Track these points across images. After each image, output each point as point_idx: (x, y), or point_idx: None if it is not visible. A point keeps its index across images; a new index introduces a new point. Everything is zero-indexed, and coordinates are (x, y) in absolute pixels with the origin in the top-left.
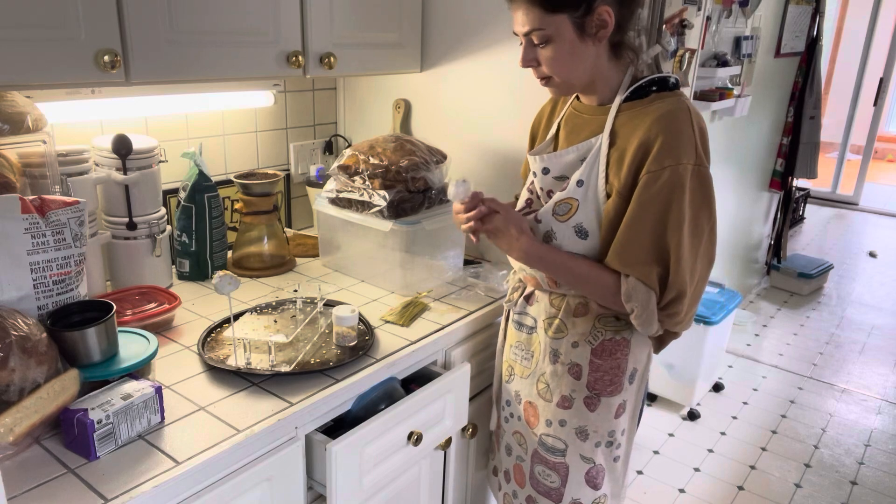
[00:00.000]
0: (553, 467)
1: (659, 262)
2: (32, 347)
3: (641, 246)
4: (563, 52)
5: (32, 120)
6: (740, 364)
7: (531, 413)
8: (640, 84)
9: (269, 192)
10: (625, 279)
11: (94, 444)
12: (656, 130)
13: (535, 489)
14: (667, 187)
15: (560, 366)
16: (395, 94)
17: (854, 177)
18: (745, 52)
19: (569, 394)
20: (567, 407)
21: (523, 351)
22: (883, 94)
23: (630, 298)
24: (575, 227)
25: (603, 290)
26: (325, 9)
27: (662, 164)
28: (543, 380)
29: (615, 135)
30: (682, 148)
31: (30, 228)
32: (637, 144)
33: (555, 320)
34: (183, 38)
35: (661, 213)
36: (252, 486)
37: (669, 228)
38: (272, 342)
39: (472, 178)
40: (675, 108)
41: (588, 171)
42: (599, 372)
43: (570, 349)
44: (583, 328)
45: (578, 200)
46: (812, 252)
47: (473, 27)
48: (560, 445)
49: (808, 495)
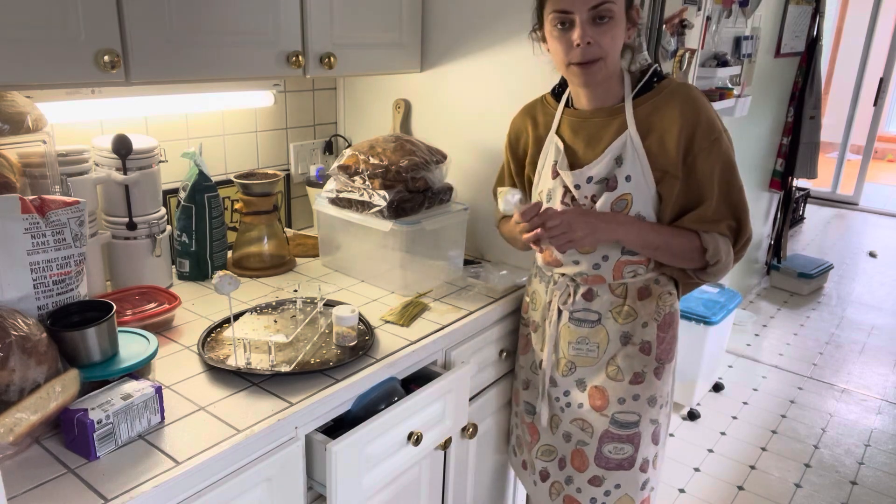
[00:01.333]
0: (627, 440)
1: (731, 216)
2: (32, 347)
3: (713, 206)
4: (620, 33)
5: (32, 120)
6: (740, 364)
7: (598, 397)
8: (647, 79)
9: (269, 192)
10: (705, 235)
11: (94, 444)
12: (692, 113)
13: (604, 467)
14: (720, 155)
15: (631, 346)
16: (395, 94)
17: (854, 177)
18: (745, 52)
19: (641, 370)
20: (640, 382)
21: (586, 345)
22: (883, 94)
23: (716, 252)
24: (635, 217)
25: (688, 247)
26: (325, 9)
27: (710, 138)
28: (614, 363)
29: (644, 126)
30: (715, 121)
31: (30, 228)
32: (678, 129)
33: (623, 307)
34: (183, 38)
35: (724, 175)
36: (252, 486)
37: (734, 186)
38: (272, 342)
39: (473, 178)
40: (691, 93)
41: (631, 165)
42: (664, 344)
43: (641, 329)
44: (650, 308)
45: (632, 193)
46: (812, 252)
47: (473, 27)
48: (634, 419)
49: (808, 495)
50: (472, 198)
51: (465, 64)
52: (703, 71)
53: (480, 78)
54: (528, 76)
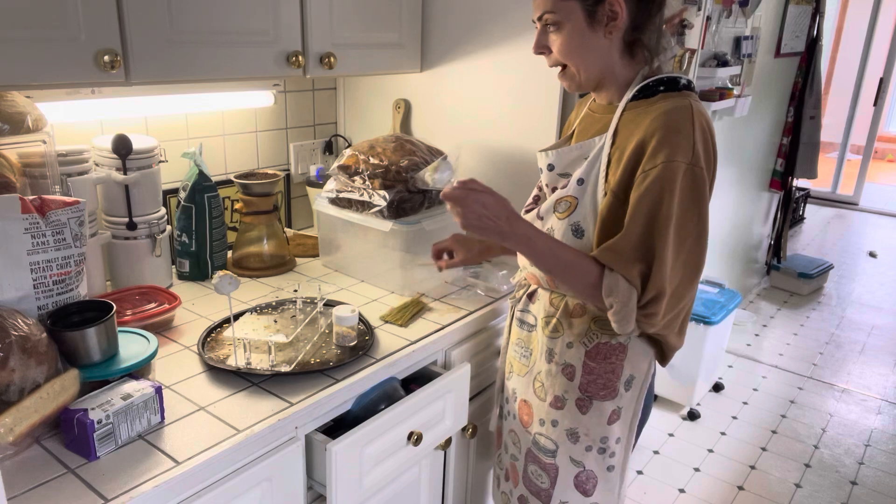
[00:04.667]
0: (544, 468)
1: (643, 260)
2: (32, 347)
3: (629, 242)
4: (573, 39)
5: (32, 120)
6: (740, 364)
7: (525, 411)
8: (646, 83)
9: (269, 192)
10: (608, 273)
11: (94, 444)
12: (653, 128)
13: (528, 488)
14: (658, 183)
15: (554, 365)
16: (395, 94)
17: (854, 177)
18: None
19: (561, 394)
20: (559, 407)
21: (523, 349)
22: (883, 94)
23: (611, 293)
24: (572, 225)
25: (584, 281)
26: (325, 9)
27: (656, 161)
28: (539, 378)
29: (617, 134)
30: (678, 145)
31: (30, 228)
32: (635, 143)
33: (552, 319)
34: (183, 38)
35: (651, 210)
36: (252, 486)
37: (656, 226)
38: (272, 342)
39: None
40: (677, 106)
41: (589, 169)
42: (593, 375)
43: (565, 349)
44: (578, 329)
45: (577, 198)
46: (812, 252)
47: (473, 27)
48: (551, 446)
49: (808, 495)
50: None
51: (465, 64)
52: (703, 71)
53: (480, 78)
54: (527, 76)
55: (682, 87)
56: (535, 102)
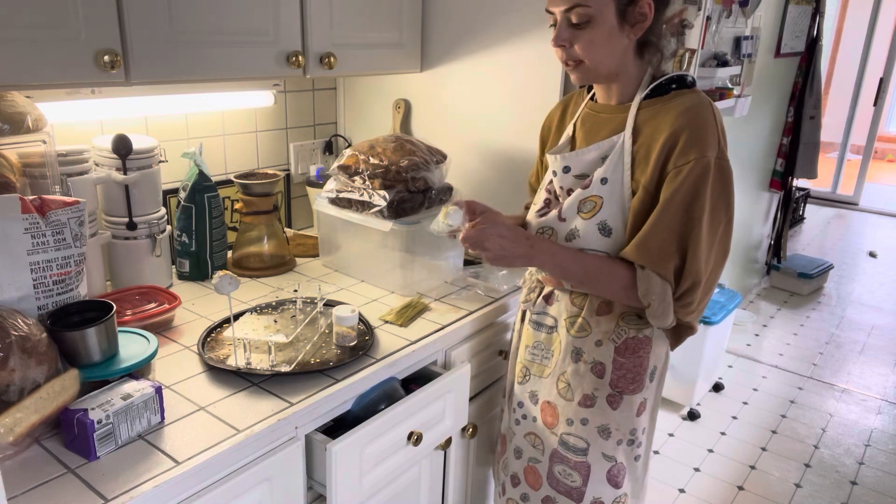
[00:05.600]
0: (574, 467)
1: (677, 254)
2: (32, 347)
3: (664, 238)
4: (602, 36)
5: (32, 120)
6: (740, 364)
7: (549, 413)
8: (660, 82)
9: (269, 192)
10: (640, 271)
11: (94, 444)
12: (681, 124)
13: (555, 489)
14: (691, 180)
15: (583, 364)
16: (395, 94)
17: (854, 177)
18: (745, 52)
19: (591, 392)
20: (589, 406)
21: (542, 351)
22: (883, 94)
23: (647, 292)
24: (599, 224)
25: (616, 285)
26: (325, 9)
27: (688, 158)
28: (564, 379)
29: (638, 132)
30: (707, 141)
31: (30, 228)
32: (663, 140)
33: (577, 319)
34: (183, 38)
35: (686, 206)
36: (252, 486)
37: (691, 220)
38: (272, 342)
39: (473, 178)
40: (697, 103)
41: (612, 168)
42: (622, 370)
43: (594, 348)
44: (606, 326)
45: (603, 198)
46: (812, 252)
47: (473, 27)
48: (582, 444)
49: (808, 495)
50: (473, 198)
51: (465, 64)
52: (703, 71)
53: (480, 78)
54: (527, 76)
55: (689, 84)
56: (535, 102)
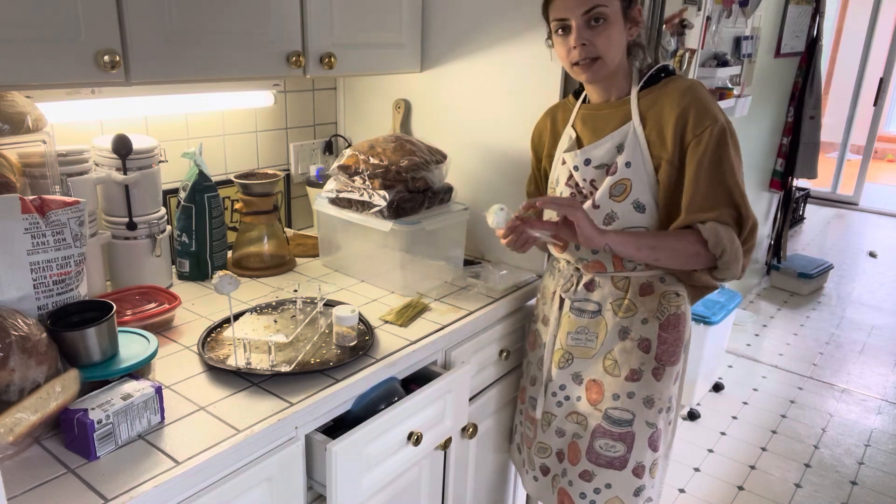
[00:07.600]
0: (619, 438)
1: (728, 203)
2: (32, 347)
3: (707, 195)
4: (616, 34)
5: (32, 120)
6: (740, 364)
7: (595, 390)
8: (651, 73)
9: (269, 192)
10: (703, 227)
11: (94, 444)
12: (687, 102)
13: (594, 462)
14: (714, 141)
15: (630, 342)
16: (395, 94)
17: (854, 177)
18: (745, 52)
19: (638, 367)
20: (636, 379)
21: (586, 335)
22: (883, 94)
23: (717, 242)
24: (633, 203)
25: (687, 248)
26: (325, 9)
27: (704, 125)
28: (611, 357)
29: (644, 118)
30: (713, 109)
31: (30, 228)
32: (675, 118)
33: (623, 301)
34: (183, 38)
35: (717, 163)
36: (252, 486)
37: (727, 173)
38: (272, 342)
39: (473, 178)
40: (692, 84)
41: (632, 152)
42: (666, 344)
43: (641, 326)
44: (651, 305)
45: (631, 179)
46: (812, 252)
47: (473, 27)
48: (627, 416)
49: (808, 495)
50: (472, 198)
51: (465, 64)
52: (703, 71)
53: (480, 78)
54: (527, 76)
55: (672, 71)
56: (535, 102)
